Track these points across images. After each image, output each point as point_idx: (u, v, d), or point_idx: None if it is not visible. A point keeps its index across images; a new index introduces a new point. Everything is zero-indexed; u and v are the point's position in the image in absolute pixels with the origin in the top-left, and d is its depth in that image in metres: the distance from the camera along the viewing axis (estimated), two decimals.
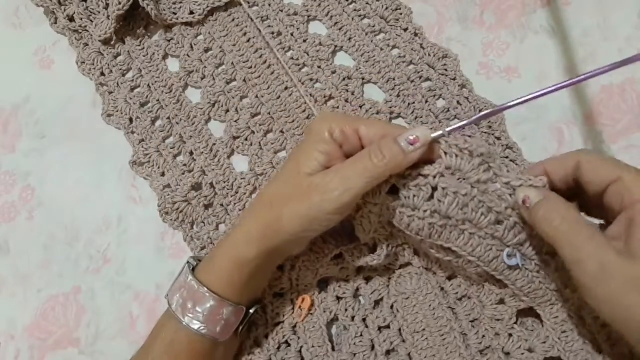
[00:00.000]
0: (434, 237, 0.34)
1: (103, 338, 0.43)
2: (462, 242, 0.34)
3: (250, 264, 0.34)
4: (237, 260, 0.34)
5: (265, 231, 0.34)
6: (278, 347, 0.39)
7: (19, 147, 0.50)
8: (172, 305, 0.35)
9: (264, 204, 0.35)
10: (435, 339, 0.38)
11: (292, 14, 0.50)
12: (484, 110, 0.44)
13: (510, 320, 0.37)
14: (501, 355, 0.37)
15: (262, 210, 0.35)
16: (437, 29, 0.49)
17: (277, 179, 0.36)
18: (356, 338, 0.39)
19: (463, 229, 0.34)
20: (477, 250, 0.34)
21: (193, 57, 0.49)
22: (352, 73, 0.47)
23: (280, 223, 0.33)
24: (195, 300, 0.34)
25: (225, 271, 0.34)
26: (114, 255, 0.45)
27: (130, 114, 0.48)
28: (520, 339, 0.36)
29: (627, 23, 0.46)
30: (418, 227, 0.34)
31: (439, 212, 0.33)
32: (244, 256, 0.34)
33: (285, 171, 0.35)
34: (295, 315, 0.39)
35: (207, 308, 0.34)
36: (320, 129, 0.34)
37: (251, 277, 0.35)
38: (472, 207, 0.33)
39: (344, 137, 0.34)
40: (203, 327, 0.34)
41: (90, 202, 0.47)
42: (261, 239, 0.34)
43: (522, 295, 0.36)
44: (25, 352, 0.44)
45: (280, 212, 0.33)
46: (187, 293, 0.34)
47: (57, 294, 0.45)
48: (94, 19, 0.49)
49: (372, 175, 0.32)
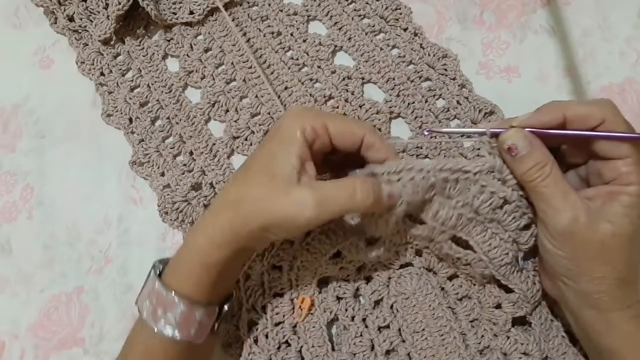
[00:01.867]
0: (458, 228, 0.35)
1: (108, 338, 0.43)
2: (482, 239, 0.35)
3: (218, 266, 0.33)
4: (203, 263, 0.33)
5: (231, 234, 0.33)
6: (278, 347, 0.39)
7: (19, 147, 0.50)
8: (143, 313, 0.34)
9: (229, 204, 0.33)
10: (435, 339, 0.38)
11: (292, 14, 0.50)
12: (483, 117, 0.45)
13: (505, 325, 0.37)
14: (500, 355, 0.37)
15: (228, 212, 0.33)
16: (437, 29, 0.49)
17: (245, 180, 0.34)
18: (356, 338, 0.39)
19: (488, 227, 0.35)
20: (494, 251, 0.35)
21: (193, 57, 0.49)
22: (352, 73, 0.47)
23: (247, 227, 0.32)
24: (165, 306, 0.33)
25: (193, 274, 0.33)
26: (115, 255, 0.45)
27: (130, 114, 0.48)
28: (517, 342, 0.37)
29: (627, 23, 0.46)
30: (447, 215, 0.34)
31: (472, 206, 0.34)
32: (211, 259, 0.33)
33: (256, 173, 0.33)
34: (295, 316, 0.40)
35: (178, 313, 0.33)
36: (293, 129, 0.33)
37: (220, 277, 0.34)
38: (506, 210, 0.34)
39: (315, 135, 0.33)
40: (177, 332, 0.33)
41: (90, 202, 0.47)
42: (228, 242, 0.33)
43: (526, 301, 0.36)
44: (30, 352, 0.44)
45: (249, 215, 0.32)
46: (157, 300, 0.33)
47: (60, 294, 0.45)
48: (94, 19, 0.49)
49: (352, 208, 0.32)
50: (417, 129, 0.45)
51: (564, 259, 0.32)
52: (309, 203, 0.31)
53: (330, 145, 0.35)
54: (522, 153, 0.32)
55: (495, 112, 0.45)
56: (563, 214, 0.31)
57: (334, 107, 0.46)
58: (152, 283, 0.34)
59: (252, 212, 0.32)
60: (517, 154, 0.32)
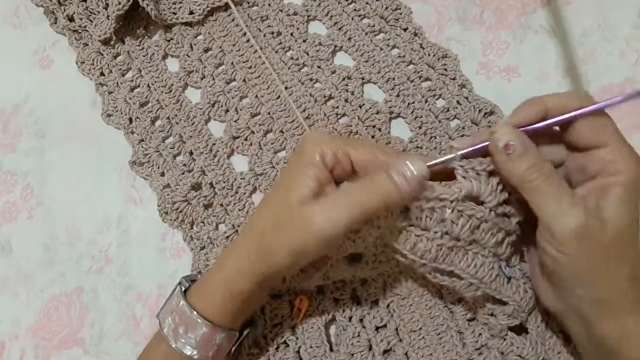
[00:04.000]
0: (439, 260, 0.33)
1: (108, 338, 0.43)
2: (466, 264, 0.33)
3: (243, 294, 0.34)
4: (230, 290, 0.34)
5: (257, 265, 0.33)
6: (277, 348, 0.39)
7: (19, 147, 0.50)
8: (164, 329, 0.34)
9: (255, 235, 0.34)
10: (432, 338, 0.38)
11: (292, 14, 0.50)
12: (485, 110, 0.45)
13: (501, 332, 0.36)
14: (497, 354, 0.37)
15: (254, 243, 0.33)
16: (437, 29, 0.49)
17: (267, 207, 0.34)
18: (354, 338, 0.39)
19: (468, 250, 0.33)
20: (480, 270, 0.33)
21: (193, 57, 0.49)
22: (352, 73, 0.47)
23: (271, 257, 0.32)
24: (187, 326, 0.34)
25: (218, 300, 0.34)
26: (115, 255, 0.45)
27: (130, 114, 0.48)
28: (513, 345, 0.36)
29: (627, 23, 0.46)
30: (425, 248, 0.32)
31: (451, 234, 0.32)
32: (238, 288, 0.34)
33: (275, 198, 0.34)
34: (293, 317, 0.40)
35: (199, 334, 0.33)
36: (312, 153, 0.32)
37: (245, 305, 0.35)
38: (484, 228, 0.32)
39: (336, 161, 0.32)
40: (195, 352, 0.34)
41: (90, 202, 0.47)
42: (254, 272, 0.33)
43: (521, 311, 0.35)
44: (30, 352, 0.44)
45: (272, 245, 0.32)
46: (180, 318, 0.34)
47: (60, 294, 0.45)
48: (94, 19, 0.49)
49: (364, 212, 0.30)
50: (417, 129, 0.45)
51: (574, 264, 0.30)
52: (319, 219, 0.30)
53: (352, 171, 0.33)
54: (518, 152, 0.30)
55: (495, 112, 0.44)
56: (570, 216, 0.29)
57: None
58: (177, 300, 0.35)
59: (275, 243, 0.32)
60: (513, 153, 0.30)
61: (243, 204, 0.44)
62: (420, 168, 0.30)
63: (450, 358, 0.37)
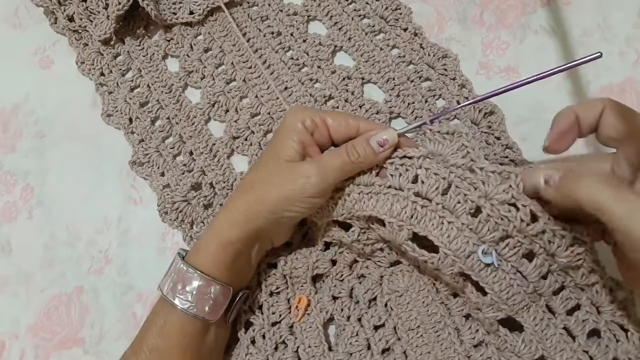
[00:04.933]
0: (414, 222, 0.34)
1: (108, 338, 0.43)
2: (440, 233, 0.34)
3: (234, 245, 0.36)
4: (221, 242, 0.36)
5: (247, 212, 0.36)
6: (275, 348, 0.39)
7: (19, 147, 0.50)
8: (164, 290, 0.37)
9: (245, 187, 0.38)
10: (430, 335, 0.38)
11: (292, 14, 0.50)
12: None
13: (492, 326, 0.36)
14: (494, 350, 0.37)
15: (244, 193, 0.37)
16: (437, 29, 0.49)
17: (257, 166, 0.38)
18: (352, 338, 0.39)
19: (442, 217, 0.34)
20: (454, 243, 0.34)
21: (193, 57, 0.49)
22: (352, 73, 0.47)
23: (261, 204, 0.36)
24: (184, 282, 0.36)
25: (210, 253, 0.36)
26: (115, 255, 0.45)
27: (130, 114, 0.48)
28: (506, 342, 0.36)
29: (627, 23, 0.46)
30: (401, 206, 0.35)
31: (421, 194, 0.35)
32: (228, 238, 0.36)
33: (265, 158, 0.38)
34: (292, 316, 0.40)
35: (195, 287, 0.36)
36: (294, 121, 0.37)
37: (236, 258, 0.37)
38: (451, 194, 0.34)
39: (314, 126, 0.37)
40: (192, 306, 0.36)
41: (90, 202, 0.47)
42: (244, 220, 0.36)
43: (501, 303, 0.34)
44: (30, 352, 0.44)
45: (262, 194, 0.36)
46: (177, 276, 0.36)
47: (60, 294, 0.45)
48: (93, 19, 0.49)
49: (347, 169, 0.36)
50: (417, 128, 0.45)
51: None
52: (311, 171, 0.35)
53: (330, 137, 0.38)
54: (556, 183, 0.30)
55: (495, 112, 0.44)
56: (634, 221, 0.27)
57: (334, 107, 0.46)
58: (175, 263, 0.37)
59: (264, 191, 0.36)
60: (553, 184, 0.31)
61: None
62: (391, 136, 0.36)
63: (448, 355, 0.37)
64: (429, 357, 0.38)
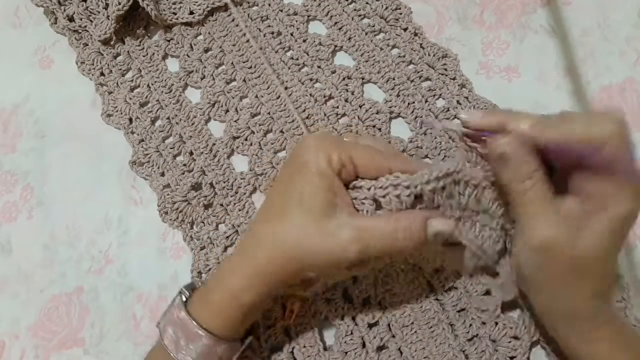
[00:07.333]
0: None
1: (108, 339, 0.43)
2: (474, 235, 0.34)
3: (252, 306, 0.33)
4: (238, 304, 0.33)
5: (269, 276, 0.32)
6: (271, 350, 0.39)
7: (19, 147, 0.50)
8: (165, 340, 0.34)
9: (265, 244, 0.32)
10: (424, 331, 0.38)
11: (292, 14, 0.50)
12: None
13: (496, 311, 0.37)
14: (489, 342, 0.37)
15: (265, 252, 0.32)
16: (437, 29, 0.49)
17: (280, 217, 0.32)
18: (347, 337, 0.39)
19: (475, 221, 0.34)
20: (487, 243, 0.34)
21: (193, 57, 0.49)
22: (352, 73, 0.47)
23: (287, 268, 0.31)
24: (189, 337, 0.33)
25: (223, 312, 0.33)
26: (116, 256, 0.45)
27: (130, 114, 0.48)
28: (506, 327, 0.37)
29: (627, 23, 0.46)
30: None
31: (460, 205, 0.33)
32: (246, 301, 0.32)
33: (289, 209, 0.31)
34: (285, 318, 0.40)
35: (200, 346, 0.33)
36: (318, 161, 0.31)
37: (249, 315, 0.34)
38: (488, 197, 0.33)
39: (342, 165, 0.32)
40: None
41: (90, 202, 0.47)
42: (265, 284, 0.32)
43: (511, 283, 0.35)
44: (30, 352, 0.44)
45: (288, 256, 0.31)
46: (181, 330, 0.33)
47: (60, 294, 0.45)
48: (94, 19, 0.49)
49: (393, 250, 0.31)
50: (417, 129, 0.45)
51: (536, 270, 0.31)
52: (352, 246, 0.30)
53: (355, 175, 0.33)
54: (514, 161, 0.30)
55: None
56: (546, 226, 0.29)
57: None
58: (178, 311, 0.34)
59: (292, 252, 0.31)
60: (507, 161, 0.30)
61: (243, 204, 0.44)
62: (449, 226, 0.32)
63: (442, 350, 0.38)
64: (424, 353, 0.38)
